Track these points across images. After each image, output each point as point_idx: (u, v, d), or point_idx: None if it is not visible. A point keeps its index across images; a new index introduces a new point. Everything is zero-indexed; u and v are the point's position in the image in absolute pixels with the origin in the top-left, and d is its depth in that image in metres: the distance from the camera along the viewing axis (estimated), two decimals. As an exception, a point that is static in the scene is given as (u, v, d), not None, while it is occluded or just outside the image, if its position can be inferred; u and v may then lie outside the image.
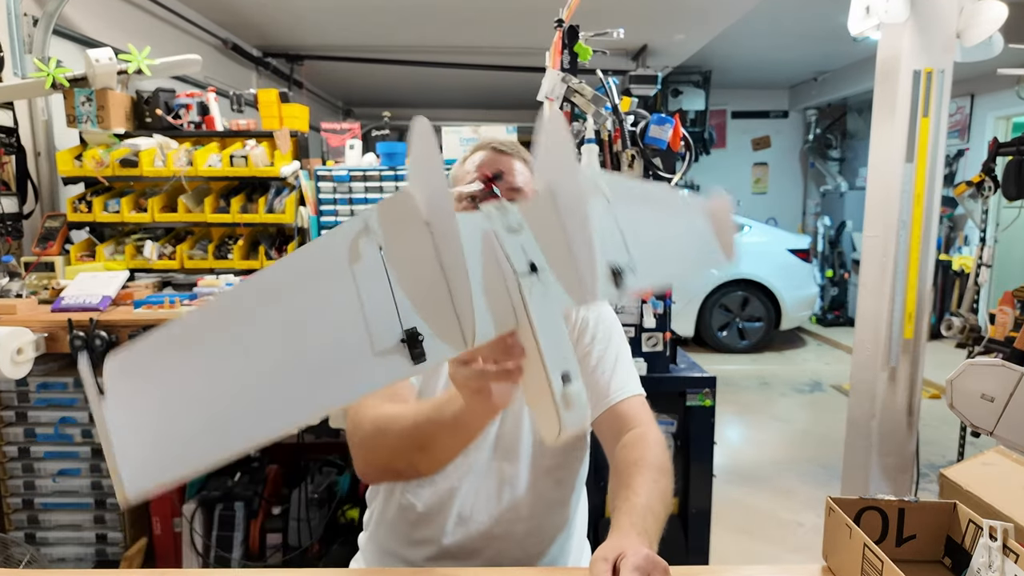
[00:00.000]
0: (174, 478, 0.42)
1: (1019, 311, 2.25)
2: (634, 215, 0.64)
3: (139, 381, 0.42)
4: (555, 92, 1.94)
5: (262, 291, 0.45)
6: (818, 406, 4.59)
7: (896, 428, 2.30)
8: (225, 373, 0.43)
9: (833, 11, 4.48)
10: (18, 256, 2.39)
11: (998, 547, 0.72)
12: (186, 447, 0.42)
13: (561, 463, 1.11)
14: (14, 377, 1.69)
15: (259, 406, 0.43)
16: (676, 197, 0.73)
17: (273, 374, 0.43)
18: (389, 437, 0.88)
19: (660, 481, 0.95)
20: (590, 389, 1.08)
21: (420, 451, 0.85)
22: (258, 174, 2.47)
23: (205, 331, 0.43)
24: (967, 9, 2.09)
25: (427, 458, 0.86)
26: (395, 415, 0.89)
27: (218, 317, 0.44)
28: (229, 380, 0.43)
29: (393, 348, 0.46)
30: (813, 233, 7.57)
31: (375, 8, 4.25)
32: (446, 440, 0.83)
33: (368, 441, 0.91)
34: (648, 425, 1.05)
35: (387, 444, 0.88)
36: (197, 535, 2.06)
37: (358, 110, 8.24)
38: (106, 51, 2.42)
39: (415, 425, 0.85)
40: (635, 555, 0.74)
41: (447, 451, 0.86)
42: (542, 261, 0.56)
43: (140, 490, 0.41)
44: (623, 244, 0.61)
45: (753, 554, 2.61)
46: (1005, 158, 2.54)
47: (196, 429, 0.42)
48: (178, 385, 0.43)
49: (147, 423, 0.42)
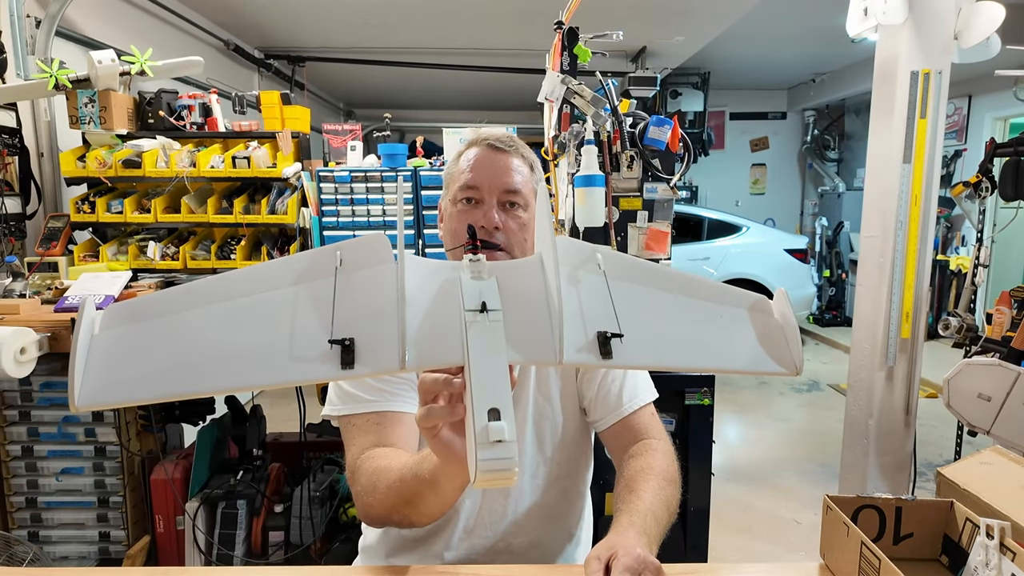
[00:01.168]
0: (119, 401, 0.53)
1: (1016, 311, 2.26)
2: (631, 291, 0.63)
3: (118, 325, 0.54)
4: (555, 93, 1.95)
5: (222, 286, 0.57)
6: (816, 405, 4.60)
7: (893, 427, 2.32)
8: (181, 337, 0.55)
9: (831, 13, 4.50)
10: (21, 256, 2.39)
11: (995, 545, 0.73)
12: (137, 383, 0.53)
13: (566, 473, 1.09)
14: (17, 376, 1.69)
15: (200, 368, 0.54)
16: (702, 284, 0.68)
17: (212, 349, 0.54)
18: (379, 492, 0.87)
19: (666, 489, 0.94)
20: (600, 399, 1.08)
21: (408, 505, 0.84)
22: (260, 175, 2.48)
23: (176, 303, 0.56)
24: (965, 10, 2.10)
25: (416, 512, 0.85)
26: (384, 468, 0.88)
27: (187, 296, 0.56)
28: (182, 343, 0.54)
29: (316, 357, 0.54)
30: (811, 233, 7.59)
31: (376, 10, 4.26)
32: (428, 496, 0.81)
33: (363, 496, 0.91)
34: (658, 437, 1.05)
35: (379, 499, 0.87)
36: (200, 533, 2.07)
37: (359, 111, 8.24)
38: (108, 53, 2.43)
39: (400, 480, 0.84)
40: (626, 555, 0.75)
41: (432, 506, 0.84)
42: (495, 304, 0.57)
43: (89, 402, 0.51)
44: (614, 315, 0.60)
45: (751, 552, 2.62)
46: (1002, 159, 2.56)
47: (149, 371, 0.53)
48: (145, 336, 0.55)
49: (114, 357, 0.53)
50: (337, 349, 0.54)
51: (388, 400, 0.99)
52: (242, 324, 0.55)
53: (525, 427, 1.06)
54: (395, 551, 1.07)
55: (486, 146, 1.05)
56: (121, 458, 2.08)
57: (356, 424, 0.98)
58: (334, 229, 2.50)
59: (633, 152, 1.94)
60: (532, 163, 1.08)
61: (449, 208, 1.06)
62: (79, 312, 0.54)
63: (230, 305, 0.56)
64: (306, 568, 0.96)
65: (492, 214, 1.00)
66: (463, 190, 1.03)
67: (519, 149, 1.07)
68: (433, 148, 4.09)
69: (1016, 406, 1.84)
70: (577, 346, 0.57)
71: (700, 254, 5.96)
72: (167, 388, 0.53)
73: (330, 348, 0.54)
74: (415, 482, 0.81)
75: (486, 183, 1.01)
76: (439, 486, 0.78)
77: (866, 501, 0.87)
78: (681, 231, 6.00)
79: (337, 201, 2.51)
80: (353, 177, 2.50)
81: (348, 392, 1.00)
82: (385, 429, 0.96)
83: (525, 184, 1.04)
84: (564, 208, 2.01)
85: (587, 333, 0.58)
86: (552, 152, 2.06)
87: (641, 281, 0.65)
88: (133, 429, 2.13)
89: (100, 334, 0.54)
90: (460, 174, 1.04)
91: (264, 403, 2.43)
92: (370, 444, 0.95)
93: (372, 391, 0.99)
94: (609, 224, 1.94)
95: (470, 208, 1.02)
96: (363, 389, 0.99)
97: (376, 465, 0.90)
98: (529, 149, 1.10)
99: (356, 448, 0.97)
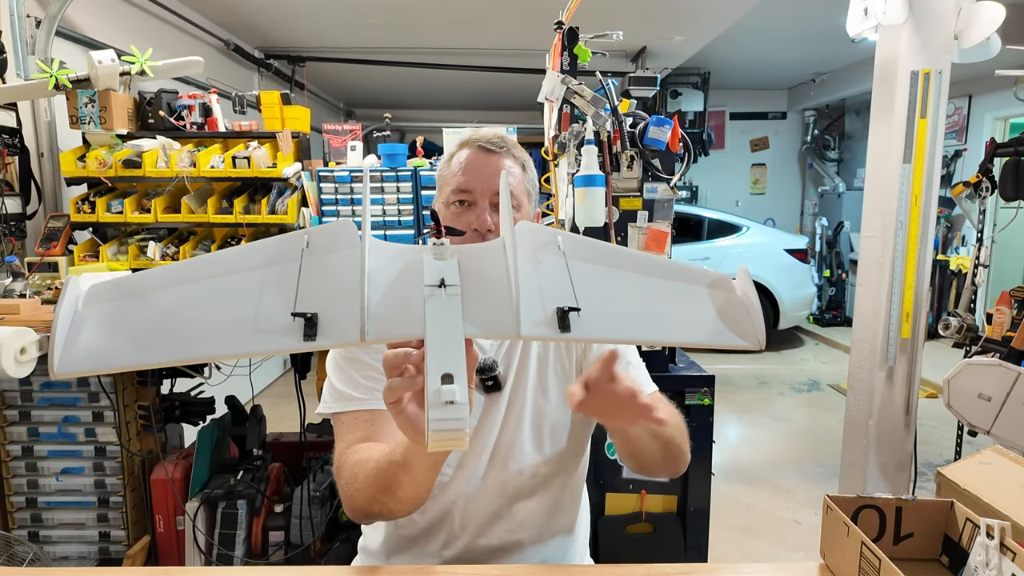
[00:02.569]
0: (96, 368, 0.56)
1: (1016, 311, 2.26)
2: (592, 271, 0.66)
3: (100, 303, 0.58)
4: (555, 94, 1.95)
5: (197, 267, 0.62)
6: (816, 405, 4.60)
7: (894, 427, 2.32)
8: (157, 312, 0.58)
9: (831, 12, 4.50)
10: (22, 256, 2.39)
11: (995, 545, 0.73)
12: (114, 353, 0.56)
13: (563, 471, 1.09)
14: (17, 376, 1.69)
15: (172, 340, 0.57)
16: (664, 264, 0.71)
17: (185, 322, 0.58)
18: (359, 482, 0.88)
19: (675, 416, 0.98)
20: None
21: (386, 493, 0.85)
22: (260, 175, 2.48)
23: (154, 282, 0.60)
24: (965, 10, 2.10)
25: (394, 499, 0.86)
26: (364, 460, 0.89)
27: (164, 276, 0.61)
28: (158, 317, 0.58)
29: (280, 329, 0.57)
30: (811, 233, 7.59)
31: (376, 10, 4.26)
32: (403, 479, 0.83)
33: (345, 488, 0.92)
34: (667, 409, 1.03)
35: (359, 489, 0.88)
36: (200, 533, 2.07)
37: (359, 111, 8.24)
38: (108, 52, 2.43)
39: (377, 468, 0.85)
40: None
41: (409, 490, 0.85)
42: (454, 280, 0.61)
43: (68, 370, 0.54)
44: (572, 293, 0.63)
45: (751, 552, 2.63)
46: (1002, 159, 2.56)
47: (125, 343, 0.56)
48: (123, 312, 0.58)
49: (93, 329, 0.56)
50: (300, 322, 0.57)
51: (378, 398, 0.97)
52: (214, 301, 0.59)
53: (522, 426, 1.06)
54: (394, 551, 1.08)
55: (477, 148, 1.05)
56: (121, 458, 2.08)
57: (346, 421, 0.99)
58: (334, 229, 2.50)
59: (633, 152, 1.94)
60: (524, 162, 1.09)
61: (442, 211, 1.06)
62: (63, 288, 0.56)
63: (204, 284, 0.60)
64: (306, 568, 0.96)
65: (485, 217, 1.01)
66: (455, 193, 1.03)
67: (510, 149, 1.07)
68: (433, 148, 4.09)
69: (1016, 406, 1.84)
70: (535, 320, 0.60)
71: (700, 254, 5.96)
72: (142, 357, 0.56)
73: (293, 321, 0.57)
74: (390, 467, 0.83)
75: (478, 186, 1.02)
76: (411, 467, 0.80)
77: (866, 501, 0.87)
78: (681, 231, 6.01)
79: (337, 201, 2.51)
80: (353, 177, 2.50)
81: (340, 391, 1.01)
82: (374, 426, 0.97)
83: (518, 185, 1.05)
84: (564, 208, 2.01)
85: (545, 309, 0.61)
86: (552, 152, 2.06)
87: (602, 262, 0.68)
88: (133, 429, 2.13)
89: (82, 311, 0.57)
90: (452, 177, 1.04)
91: (264, 403, 2.43)
92: (357, 440, 0.96)
93: (363, 390, 1.00)
94: (609, 224, 1.94)
95: (463, 211, 1.03)
96: (354, 387, 1.00)
97: (358, 458, 0.91)
98: (521, 148, 1.10)
99: (343, 444, 0.98)
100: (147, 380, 2.09)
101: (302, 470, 2.34)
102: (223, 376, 2.30)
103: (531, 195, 1.10)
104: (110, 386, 2.04)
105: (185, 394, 2.32)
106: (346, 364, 1.02)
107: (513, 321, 0.59)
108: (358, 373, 1.01)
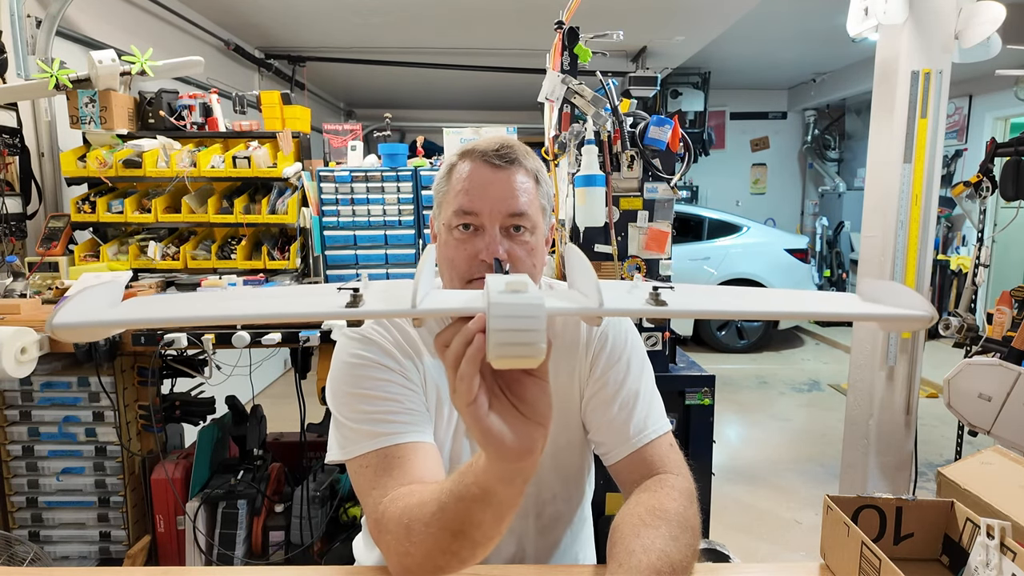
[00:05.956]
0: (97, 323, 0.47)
1: (1016, 311, 2.26)
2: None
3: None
4: (555, 93, 1.95)
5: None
6: (816, 405, 4.60)
7: (894, 427, 2.32)
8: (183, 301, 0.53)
9: (831, 12, 4.50)
10: (22, 256, 2.40)
11: (995, 545, 0.73)
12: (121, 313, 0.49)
13: (569, 480, 1.06)
14: (18, 376, 1.69)
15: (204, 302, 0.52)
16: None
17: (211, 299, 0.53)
18: (415, 534, 0.72)
19: (680, 538, 0.79)
20: (608, 427, 0.97)
21: (457, 539, 0.69)
22: (261, 175, 2.48)
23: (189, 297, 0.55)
24: (965, 10, 2.11)
25: (469, 544, 0.69)
26: (417, 504, 0.73)
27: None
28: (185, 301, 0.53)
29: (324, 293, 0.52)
30: (811, 233, 7.59)
31: (376, 10, 4.26)
32: (481, 515, 0.66)
33: (395, 545, 0.75)
34: (676, 472, 0.92)
35: (417, 544, 0.72)
36: (200, 533, 2.07)
37: (360, 111, 8.24)
38: (109, 52, 2.43)
39: (441, 508, 0.69)
40: None
41: (489, 528, 0.67)
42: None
43: (64, 322, 0.45)
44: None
45: (751, 552, 2.63)
46: (1003, 159, 2.55)
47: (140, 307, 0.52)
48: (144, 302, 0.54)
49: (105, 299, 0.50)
50: (346, 292, 0.50)
51: (400, 432, 0.85)
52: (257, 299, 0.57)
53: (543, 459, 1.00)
54: None
55: (482, 161, 0.88)
56: (122, 458, 2.08)
57: (370, 465, 0.84)
58: (334, 229, 2.50)
59: (633, 152, 1.94)
60: (537, 173, 0.92)
61: (444, 234, 0.90)
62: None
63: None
64: (306, 568, 0.96)
65: (495, 246, 0.85)
66: (459, 215, 0.87)
67: (520, 160, 0.90)
68: (433, 148, 4.09)
69: (1017, 406, 1.84)
70: (620, 300, 0.51)
71: (700, 254, 5.96)
72: (167, 313, 0.51)
73: (339, 291, 0.50)
74: (459, 505, 0.67)
75: (486, 208, 0.86)
76: (492, 495, 0.64)
77: (866, 501, 0.87)
78: (681, 231, 6.01)
79: (337, 201, 2.50)
80: (353, 177, 2.49)
81: (353, 429, 0.86)
82: (406, 463, 0.82)
83: (531, 203, 0.89)
84: (564, 208, 2.01)
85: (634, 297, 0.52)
86: (552, 152, 2.06)
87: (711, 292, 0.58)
88: (134, 429, 2.13)
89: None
90: (454, 195, 0.88)
91: (264, 403, 2.43)
92: (396, 484, 0.80)
93: (382, 423, 0.86)
94: (609, 224, 1.94)
95: (469, 236, 0.88)
96: (370, 423, 0.86)
97: (406, 503, 0.75)
98: (531, 153, 0.93)
99: (378, 492, 0.81)
100: (147, 380, 2.09)
101: (302, 470, 2.34)
102: (223, 376, 2.30)
103: (546, 210, 0.94)
104: (110, 386, 2.04)
105: (185, 394, 2.33)
106: (353, 389, 0.88)
107: (598, 297, 0.49)
108: (368, 404, 0.87)
